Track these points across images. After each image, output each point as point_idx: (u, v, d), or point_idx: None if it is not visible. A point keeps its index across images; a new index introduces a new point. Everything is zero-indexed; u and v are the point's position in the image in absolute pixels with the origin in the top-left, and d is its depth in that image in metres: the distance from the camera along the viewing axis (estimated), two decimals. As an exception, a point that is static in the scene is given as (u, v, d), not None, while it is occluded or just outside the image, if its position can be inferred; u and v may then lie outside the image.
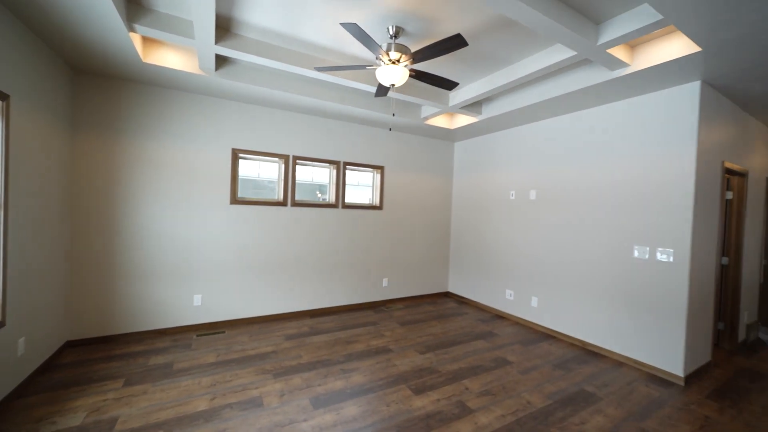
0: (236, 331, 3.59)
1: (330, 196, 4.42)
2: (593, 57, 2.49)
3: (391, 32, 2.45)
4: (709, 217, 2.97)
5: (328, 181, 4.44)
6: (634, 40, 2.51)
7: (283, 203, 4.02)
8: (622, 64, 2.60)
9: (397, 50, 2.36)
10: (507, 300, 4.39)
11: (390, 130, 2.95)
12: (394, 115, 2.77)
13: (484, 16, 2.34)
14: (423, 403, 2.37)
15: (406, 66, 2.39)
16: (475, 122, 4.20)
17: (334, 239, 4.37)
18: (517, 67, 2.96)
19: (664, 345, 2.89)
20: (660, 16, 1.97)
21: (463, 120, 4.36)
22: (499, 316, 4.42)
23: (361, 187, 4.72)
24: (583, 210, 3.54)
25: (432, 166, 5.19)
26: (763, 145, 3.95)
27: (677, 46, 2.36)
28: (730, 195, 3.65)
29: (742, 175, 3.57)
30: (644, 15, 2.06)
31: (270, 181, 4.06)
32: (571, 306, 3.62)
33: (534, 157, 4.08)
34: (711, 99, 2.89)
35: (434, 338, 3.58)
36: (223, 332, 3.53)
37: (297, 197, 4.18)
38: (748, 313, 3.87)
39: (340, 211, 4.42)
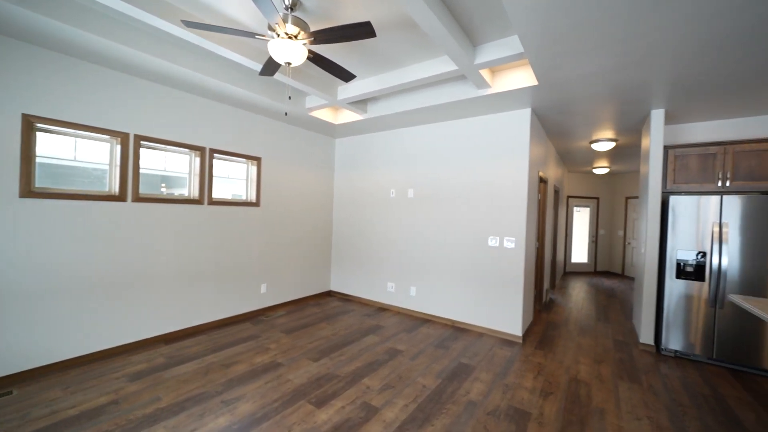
0: (39, 385, 2.43)
1: (192, 190, 3.57)
2: (468, 74, 2.87)
3: (286, 2, 2.13)
4: (532, 212, 3.93)
5: (189, 171, 3.57)
6: (497, 66, 3.04)
7: (120, 198, 2.98)
8: (486, 85, 3.10)
9: (295, 24, 2.07)
10: (389, 292, 4.64)
11: (286, 114, 2.58)
12: (290, 98, 2.44)
13: (387, 10, 2.33)
14: (328, 415, 2.19)
15: (305, 45, 2.13)
16: (359, 120, 4.23)
17: (198, 242, 3.57)
18: (408, 71, 3.12)
19: (509, 313, 3.66)
20: (522, 50, 2.43)
21: (348, 116, 4.32)
22: (383, 309, 4.63)
23: (233, 181, 4.02)
24: (451, 207, 4.09)
25: (314, 161, 4.95)
26: (553, 160, 5.55)
27: (523, 78, 2.99)
28: (539, 196, 4.96)
29: (545, 182, 4.91)
30: (512, 46, 2.51)
31: (97, 168, 2.93)
32: (443, 291, 4.13)
33: (412, 159, 4.45)
34: (535, 123, 3.83)
35: (326, 341, 3.41)
36: (11, 393, 2.33)
37: (141, 190, 3.18)
38: (546, 281, 5.38)
39: (205, 208, 3.63)
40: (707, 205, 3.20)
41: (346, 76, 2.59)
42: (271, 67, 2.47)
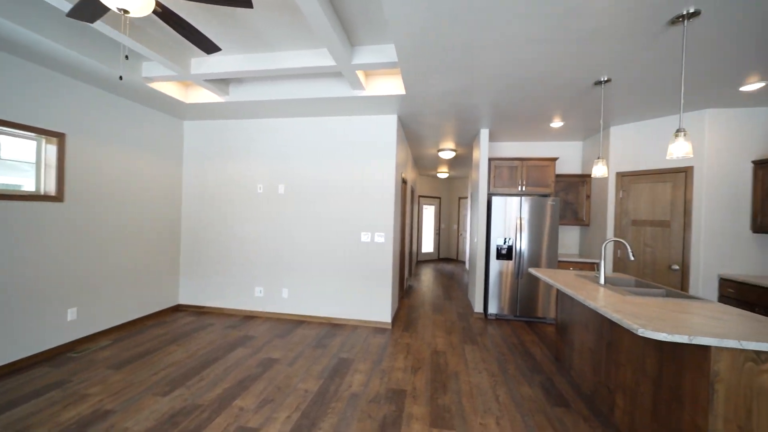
0: None
1: None
2: (345, 73, 2.91)
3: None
4: (398, 210, 4.37)
5: None
6: (371, 71, 3.19)
7: None
8: (360, 87, 3.22)
9: (137, -39, 1.57)
10: (257, 298, 4.22)
11: (121, 78, 1.86)
12: (127, 57, 1.79)
13: (260, -17, 2.07)
14: (192, 457, 1.80)
15: (151, -7, 1.64)
16: (219, 102, 3.64)
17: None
18: (282, 57, 2.88)
19: (380, 303, 3.95)
20: (396, 59, 2.64)
21: (204, 95, 3.65)
22: (251, 317, 4.16)
23: (9, 166, 2.74)
24: (325, 204, 4.07)
25: (153, 145, 3.94)
26: (410, 163, 6.32)
27: (393, 85, 3.26)
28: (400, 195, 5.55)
29: (406, 182, 5.55)
30: (387, 54, 2.68)
31: None
32: (318, 290, 4.07)
33: (284, 152, 4.16)
34: (400, 129, 4.25)
35: (178, 367, 2.79)
36: None
37: None
38: (406, 271, 6.10)
39: (-50, 203, 2.33)
40: (512, 204, 4.34)
41: (209, 46, 2.17)
42: (90, 8, 1.79)
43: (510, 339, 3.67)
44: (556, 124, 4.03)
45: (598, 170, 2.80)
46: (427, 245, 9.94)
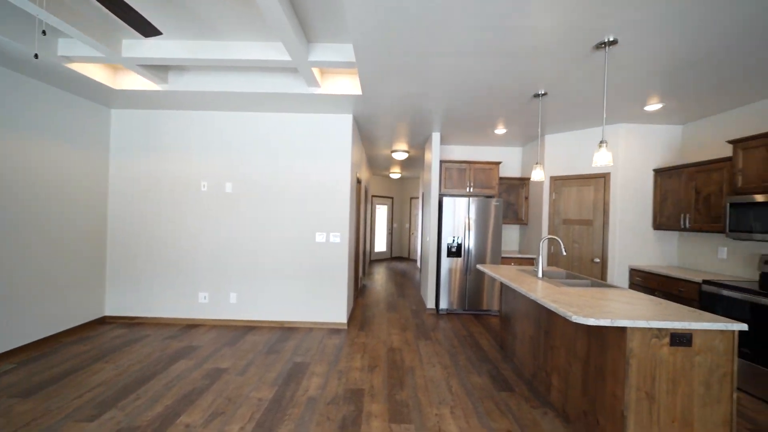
0: None
1: None
2: (301, 69, 2.83)
3: None
4: (353, 209, 4.37)
5: None
6: (327, 69, 3.15)
7: None
8: (316, 84, 3.16)
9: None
10: (201, 304, 3.91)
11: (36, 57, 1.54)
12: (44, 33, 1.50)
13: (209, -33, 1.93)
14: (130, 485, 1.62)
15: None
16: (155, 90, 3.30)
17: None
18: (231, 47, 2.71)
19: (336, 304, 3.91)
20: (354, 59, 2.64)
21: (137, 82, 3.28)
22: (193, 325, 3.84)
23: None
24: (278, 203, 3.91)
25: (71, 134, 3.43)
26: (365, 163, 6.35)
27: (350, 85, 3.25)
28: (355, 194, 5.55)
29: (360, 182, 5.56)
30: (345, 53, 2.66)
31: None
32: (270, 293, 3.90)
33: (233, 148, 3.91)
34: (355, 128, 4.25)
35: (108, 387, 2.48)
36: None
37: None
38: (361, 270, 6.11)
39: None
40: (461, 205, 4.60)
41: (147, 29, 1.96)
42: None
43: (460, 332, 3.89)
44: (500, 130, 4.37)
45: (536, 174, 3.10)
46: (380, 244, 10.06)
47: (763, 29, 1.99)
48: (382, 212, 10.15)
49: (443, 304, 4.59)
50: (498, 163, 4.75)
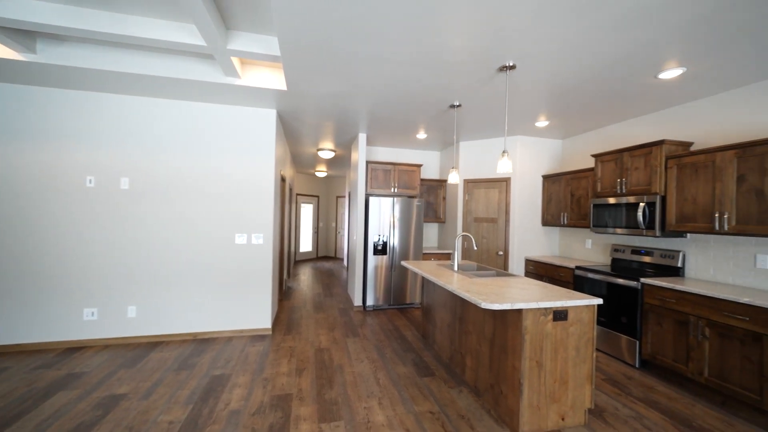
0: None
1: None
2: (218, 56, 2.60)
3: None
4: (277, 208, 4.19)
5: None
6: (250, 60, 2.95)
7: None
8: (235, 74, 2.94)
9: None
10: (86, 322, 3.28)
11: None
12: None
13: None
14: None
15: None
16: (17, 60, 2.65)
17: None
18: (130, 22, 2.33)
19: (259, 309, 3.70)
20: (279, 54, 2.53)
21: (-13, 48, 2.58)
22: (76, 348, 3.20)
23: None
24: (193, 203, 3.52)
25: None
26: (289, 161, 6.11)
27: (273, 79, 3.11)
28: (279, 193, 5.30)
29: (284, 180, 5.34)
30: (269, 45, 2.53)
31: None
32: (180, 302, 3.49)
33: (130, 138, 3.36)
34: (279, 124, 4.07)
35: (-54, 440, 1.92)
36: None
37: None
38: (285, 272, 5.88)
39: None
40: (387, 204, 4.80)
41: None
42: None
43: (386, 326, 4.06)
44: (422, 135, 4.68)
45: (452, 178, 3.44)
46: (306, 244, 9.80)
47: (617, 69, 2.57)
48: (307, 211, 9.89)
49: (370, 301, 4.72)
50: (420, 166, 5.08)
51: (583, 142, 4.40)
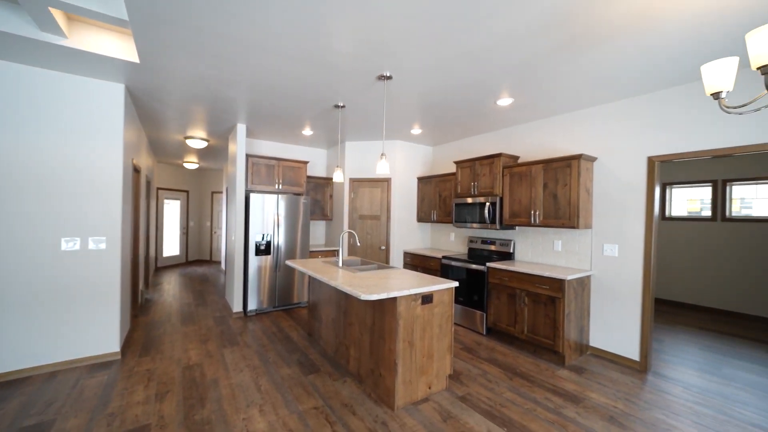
0: None
1: None
2: (25, 3, 1.97)
3: None
4: (127, 205, 3.45)
5: None
6: (86, 19, 2.32)
7: None
8: (57, 31, 2.28)
9: None
10: None
11: None
12: None
13: None
14: None
15: None
16: None
17: None
18: None
19: (102, 330, 2.98)
20: (126, 17, 2.08)
21: None
22: None
23: None
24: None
25: None
26: (145, 148, 5.09)
27: (123, 48, 2.54)
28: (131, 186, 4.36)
29: (139, 171, 4.42)
30: (111, 5, 2.05)
31: None
32: (-38, 336, 2.49)
33: None
34: (130, 103, 3.34)
35: None
36: None
37: None
38: (141, 282, 4.89)
39: None
40: (270, 201, 4.55)
41: None
42: None
43: (270, 330, 3.87)
44: (308, 132, 4.62)
45: (337, 176, 3.52)
46: (172, 247, 8.34)
47: (472, 93, 3.11)
48: (173, 208, 8.43)
49: (252, 305, 4.40)
50: (306, 163, 5.00)
51: (449, 150, 5.15)
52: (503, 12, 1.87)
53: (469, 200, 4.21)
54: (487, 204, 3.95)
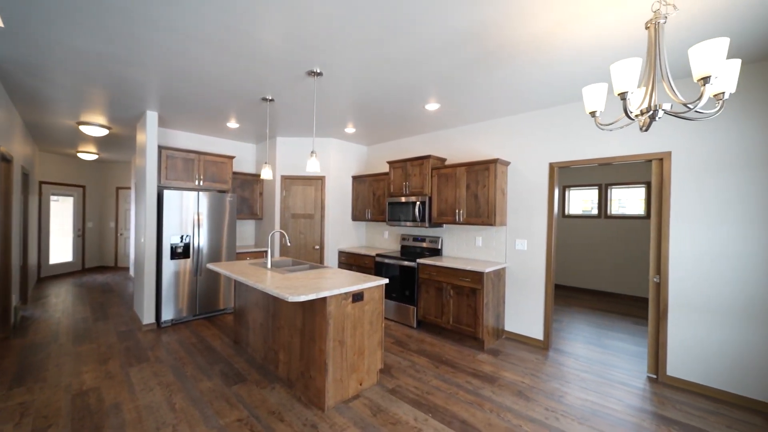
0: None
1: None
2: None
3: None
4: (-6, 203, 2.80)
5: None
6: None
7: None
8: None
9: None
10: None
11: None
12: None
13: None
14: None
15: None
16: None
17: None
18: None
19: (-49, 360, 2.37)
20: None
21: None
22: None
23: None
24: None
25: None
26: (20, 134, 4.19)
27: (-25, 7, 2.03)
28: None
29: (9, 161, 3.62)
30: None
31: None
32: None
33: None
34: (-6, 78, 2.71)
35: None
36: None
37: None
38: (15, 296, 4.02)
39: None
40: (189, 199, 4.12)
41: None
42: None
43: (189, 340, 3.51)
44: (233, 125, 4.28)
45: (266, 173, 3.34)
46: (62, 253, 7.01)
47: (404, 96, 3.21)
48: (64, 207, 7.09)
49: (168, 315, 3.93)
50: (232, 158, 4.64)
51: (383, 150, 5.26)
52: (427, 21, 1.97)
53: (402, 199, 4.35)
54: (418, 203, 4.14)
